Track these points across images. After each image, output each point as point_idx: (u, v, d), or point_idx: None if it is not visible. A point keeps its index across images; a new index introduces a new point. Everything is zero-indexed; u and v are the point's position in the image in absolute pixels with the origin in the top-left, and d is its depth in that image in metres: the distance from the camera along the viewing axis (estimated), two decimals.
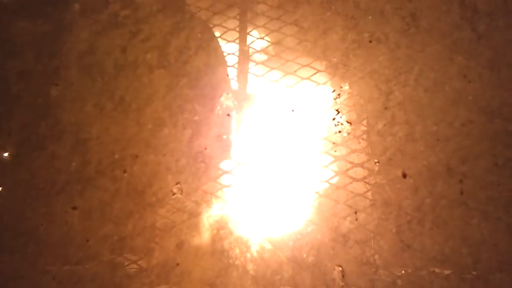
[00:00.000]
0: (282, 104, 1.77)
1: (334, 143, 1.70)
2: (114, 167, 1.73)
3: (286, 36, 1.82)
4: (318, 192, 1.66)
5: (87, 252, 1.67)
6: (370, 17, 1.80)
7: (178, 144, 1.75)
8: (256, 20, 1.85)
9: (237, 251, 1.63)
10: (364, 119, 1.71)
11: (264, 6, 1.86)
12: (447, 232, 1.58)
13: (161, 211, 1.69)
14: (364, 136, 1.69)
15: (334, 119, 1.72)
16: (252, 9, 1.86)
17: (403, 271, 1.57)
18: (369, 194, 1.64)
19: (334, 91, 1.75)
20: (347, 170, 1.67)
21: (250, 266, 1.62)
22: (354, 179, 1.66)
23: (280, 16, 1.84)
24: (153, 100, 1.79)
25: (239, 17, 1.87)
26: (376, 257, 1.59)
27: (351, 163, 1.67)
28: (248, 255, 1.63)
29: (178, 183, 1.71)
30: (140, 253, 1.66)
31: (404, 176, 1.63)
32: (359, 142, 1.69)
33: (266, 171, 1.71)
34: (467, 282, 1.55)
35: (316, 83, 1.76)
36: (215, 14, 1.87)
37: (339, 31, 1.80)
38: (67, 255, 1.67)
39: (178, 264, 1.64)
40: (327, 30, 1.81)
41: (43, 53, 1.88)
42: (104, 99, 1.80)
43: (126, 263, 1.65)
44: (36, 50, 1.88)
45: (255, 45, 1.83)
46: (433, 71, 1.72)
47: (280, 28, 1.83)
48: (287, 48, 1.81)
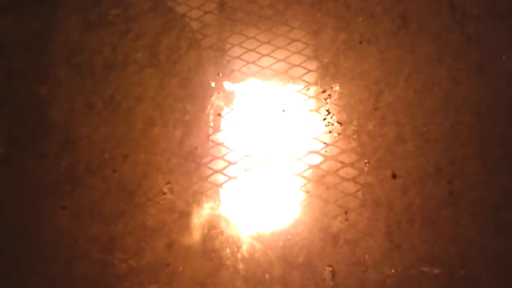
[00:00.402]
0: (273, 104, 1.77)
1: (324, 143, 1.71)
2: (104, 166, 1.72)
3: (277, 36, 1.82)
4: (308, 192, 1.67)
5: (77, 252, 1.66)
6: (360, 18, 1.81)
7: (169, 144, 1.74)
8: (247, 19, 1.85)
9: (227, 251, 1.63)
10: (354, 119, 1.72)
11: (255, 6, 1.86)
12: (436, 232, 1.60)
13: (151, 211, 1.68)
14: (355, 137, 1.70)
15: (325, 119, 1.73)
16: (243, 8, 1.86)
17: (392, 271, 1.58)
18: (359, 194, 1.65)
19: (324, 91, 1.76)
20: (338, 170, 1.68)
21: (240, 266, 1.62)
22: (344, 179, 1.67)
23: (271, 15, 1.84)
24: (143, 100, 1.78)
25: (230, 16, 1.86)
26: (366, 256, 1.60)
27: (342, 163, 1.68)
28: (239, 255, 1.63)
29: (168, 182, 1.70)
30: (130, 252, 1.65)
31: (394, 176, 1.65)
32: (350, 143, 1.70)
33: (257, 171, 1.71)
34: (455, 282, 1.56)
35: (307, 83, 1.77)
36: (206, 13, 1.87)
37: (330, 32, 1.81)
38: (57, 255, 1.66)
39: (168, 264, 1.63)
40: (318, 30, 1.81)
41: (32, 51, 1.86)
42: (94, 98, 1.79)
43: (116, 263, 1.65)
44: (25, 49, 1.86)
45: (246, 44, 1.83)
46: (422, 72, 1.73)
47: (271, 28, 1.83)
48: (278, 47, 1.82)
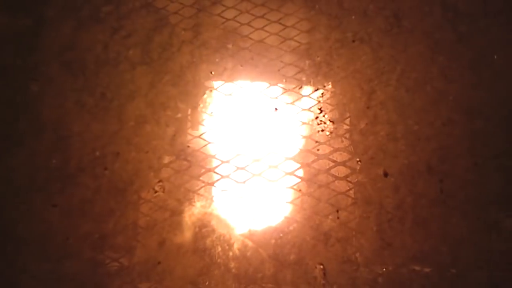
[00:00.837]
0: (265, 103, 1.77)
1: (316, 142, 1.71)
2: (95, 164, 1.71)
3: (270, 34, 1.82)
4: (300, 190, 1.67)
5: (68, 250, 1.65)
6: (353, 16, 1.81)
7: (161, 142, 1.74)
8: (240, 18, 1.85)
9: (219, 249, 1.63)
10: (346, 118, 1.72)
11: (248, 4, 1.85)
12: (427, 230, 1.60)
13: (143, 209, 1.68)
14: (347, 135, 1.70)
15: (317, 118, 1.73)
16: (236, 6, 1.86)
17: (383, 269, 1.59)
18: (351, 192, 1.66)
19: (317, 90, 1.76)
20: (330, 169, 1.68)
21: (232, 264, 1.62)
22: (336, 178, 1.67)
23: (264, 14, 1.84)
24: (135, 97, 1.77)
25: (223, 14, 1.86)
26: (357, 255, 1.60)
27: (334, 161, 1.68)
28: (230, 253, 1.63)
29: (160, 181, 1.70)
30: (121, 251, 1.65)
31: (386, 175, 1.65)
32: (342, 141, 1.70)
33: (249, 170, 1.71)
34: (446, 280, 1.57)
35: (299, 82, 1.77)
36: (199, 11, 1.86)
37: (323, 30, 1.81)
38: (47, 253, 1.65)
39: (159, 262, 1.63)
40: (311, 29, 1.81)
41: (23, 48, 1.84)
42: (85, 96, 1.78)
43: (107, 261, 1.64)
44: (16, 45, 1.84)
45: (239, 42, 1.83)
46: (415, 71, 1.74)
47: (264, 27, 1.83)
48: (271, 46, 1.81)
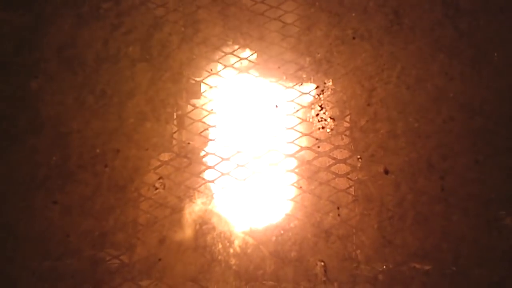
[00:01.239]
0: (266, 100, 1.77)
1: (317, 139, 1.70)
2: (95, 161, 1.71)
3: (270, 31, 1.82)
4: (301, 187, 1.67)
5: (68, 247, 1.64)
6: (353, 14, 1.81)
7: (161, 139, 1.74)
8: (240, 15, 1.84)
9: (219, 246, 1.63)
10: (347, 115, 1.72)
11: (248, 1, 1.85)
12: (427, 228, 1.60)
13: (143, 206, 1.67)
14: (347, 132, 1.70)
15: (318, 115, 1.73)
16: (236, 4, 1.85)
17: (384, 266, 1.59)
18: (351, 190, 1.65)
19: (317, 87, 1.76)
20: (330, 166, 1.68)
21: (232, 261, 1.62)
22: (337, 175, 1.67)
23: (264, 11, 1.83)
24: (135, 94, 1.77)
25: (223, 11, 1.85)
26: (358, 252, 1.60)
27: (334, 159, 1.68)
28: (231, 250, 1.63)
29: (160, 178, 1.69)
30: (121, 248, 1.65)
31: (386, 172, 1.65)
32: (342, 138, 1.70)
33: (250, 166, 1.70)
34: (447, 278, 1.57)
35: (300, 79, 1.76)
36: (199, 8, 1.86)
37: (323, 28, 1.81)
38: (47, 250, 1.64)
39: (160, 260, 1.63)
40: (311, 26, 1.81)
41: (23, 45, 1.84)
42: (85, 93, 1.78)
43: (107, 259, 1.64)
44: (16, 42, 1.84)
45: (239, 40, 1.82)
46: (415, 68, 1.74)
47: (264, 24, 1.83)
48: (271, 43, 1.81)
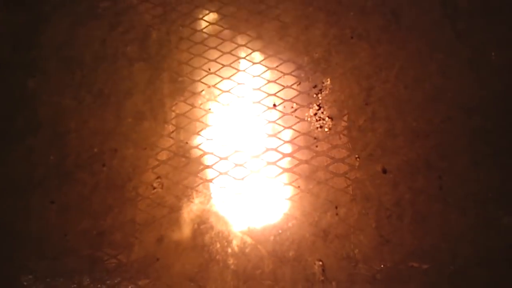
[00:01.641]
0: (264, 99, 1.77)
1: (315, 138, 1.70)
2: (93, 161, 1.71)
3: (268, 30, 1.82)
4: (299, 187, 1.67)
5: (66, 246, 1.64)
6: (352, 13, 1.81)
7: (159, 138, 1.73)
8: (238, 14, 1.84)
9: (217, 245, 1.63)
10: (345, 114, 1.72)
11: (246, 0, 1.85)
12: (426, 227, 1.60)
13: (141, 206, 1.67)
14: (345, 132, 1.70)
15: (316, 114, 1.72)
16: (234, 3, 1.85)
17: (382, 266, 1.59)
18: (349, 189, 1.65)
19: (315, 86, 1.75)
20: (328, 165, 1.68)
21: (230, 261, 1.61)
22: (335, 174, 1.67)
23: (262, 10, 1.83)
24: (133, 94, 1.77)
25: (220, 11, 1.85)
26: (356, 251, 1.60)
27: (332, 158, 1.68)
28: (229, 250, 1.62)
29: (158, 177, 1.69)
30: (119, 248, 1.64)
31: (384, 171, 1.65)
32: (340, 138, 1.70)
33: (247, 166, 1.70)
34: (445, 277, 1.57)
35: (298, 78, 1.76)
36: (197, 7, 1.85)
37: (321, 27, 1.80)
38: (45, 250, 1.64)
39: (158, 259, 1.62)
40: (309, 25, 1.81)
41: (20, 44, 1.84)
42: (83, 92, 1.78)
43: (105, 258, 1.63)
44: (13, 41, 1.84)
45: (237, 39, 1.82)
46: (413, 68, 1.74)
47: (262, 23, 1.83)
48: (269, 43, 1.81)
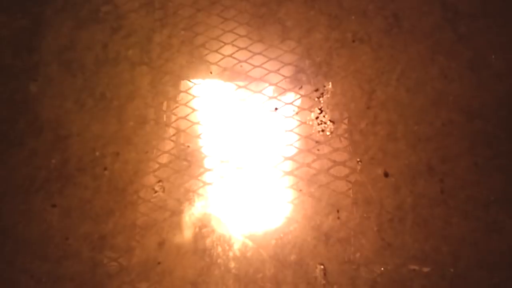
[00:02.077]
0: (265, 102, 1.77)
1: (317, 142, 1.70)
2: (94, 164, 1.71)
3: (270, 34, 1.82)
4: (300, 190, 1.67)
5: (67, 250, 1.64)
6: (353, 16, 1.81)
7: (160, 142, 1.74)
8: (240, 18, 1.85)
9: (219, 249, 1.63)
10: (346, 118, 1.72)
11: (247, 4, 1.85)
12: (427, 230, 1.60)
13: (142, 209, 1.67)
14: (347, 135, 1.70)
15: (317, 118, 1.72)
16: (236, 6, 1.85)
17: (384, 269, 1.58)
18: (351, 192, 1.65)
19: (317, 90, 1.76)
20: (330, 169, 1.68)
21: (232, 265, 1.61)
22: (337, 178, 1.67)
23: (264, 14, 1.84)
24: (134, 97, 1.77)
25: (222, 14, 1.85)
26: (358, 255, 1.60)
27: (334, 161, 1.68)
28: (231, 254, 1.62)
29: (160, 181, 1.69)
30: (120, 251, 1.64)
31: (386, 175, 1.65)
32: (342, 141, 1.70)
33: (249, 169, 1.70)
34: (446, 280, 1.57)
35: (299, 82, 1.77)
36: (199, 11, 1.86)
37: (323, 30, 1.81)
38: (46, 253, 1.64)
39: (159, 263, 1.62)
40: (311, 29, 1.81)
41: (22, 48, 1.84)
42: (85, 96, 1.78)
43: (106, 262, 1.63)
44: (15, 45, 1.84)
45: (238, 42, 1.83)
46: (415, 71, 1.74)
47: (263, 26, 1.83)
48: (270, 46, 1.81)
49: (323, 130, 1.71)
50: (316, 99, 1.75)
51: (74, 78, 1.80)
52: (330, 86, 1.75)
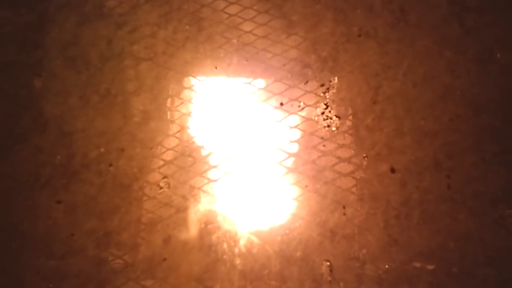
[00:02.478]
0: (271, 98, 1.76)
1: (322, 138, 1.69)
2: (99, 160, 1.70)
3: (275, 29, 1.81)
4: (306, 186, 1.66)
5: (72, 247, 1.64)
6: (359, 11, 1.80)
7: (165, 138, 1.73)
8: (244, 13, 1.83)
9: (225, 245, 1.62)
10: (353, 113, 1.71)
11: None
12: (434, 226, 1.59)
13: (147, 206, 1.67)
14: (353, 131, 1.69)
15: (323, 113, 1.71)
16: (240, 2, 1.84)
17: (388, 266, 1.58)
18: (357, 188, 1.64)
19: (323, 85, 1.74)
20: (335, 165, 1.67)
21: (238, 261, 1.61)
22: (342, 174, 1.66)
23: (269, 9, 1.82)
24: (139, 93, 1.77)
25: (226, 9, 1.84)
26: (364, 251, 1.59)
27: (339, 158, 1.67)
28: (236, 250, 1.62)
29: (165, 177, 1.69)
30: (126, 248, 1.64)
31: (392, 171, 1.64)
32: (348, 137, 1.69)
33: (254, 165, 1.70)
34: (453, 276, 1.56)
35: (305, 77, 1.75)
36: (203, 6, 1.85)
37: (329, 25, 1.79)
38: (52, 250, 1.64)
39: (165, 259, 1.62)
40: (316, 23, 1.80)
41: (27, 43, 1.83)
42: (89, 92, 1.77)
43: (111, 258, 1.63)
44: (19, 41, 1.84)
45: (243, 38, 1.82)
46: (421, 65, 1.73)
47: (268, 22, 1.82)
48: (276, 41, 1.80)
49: (328, 126, 1.70)
50: (322, 94, 1.74)
51: (79, 74, 1.79)
52: (336, 81, 1.74)
